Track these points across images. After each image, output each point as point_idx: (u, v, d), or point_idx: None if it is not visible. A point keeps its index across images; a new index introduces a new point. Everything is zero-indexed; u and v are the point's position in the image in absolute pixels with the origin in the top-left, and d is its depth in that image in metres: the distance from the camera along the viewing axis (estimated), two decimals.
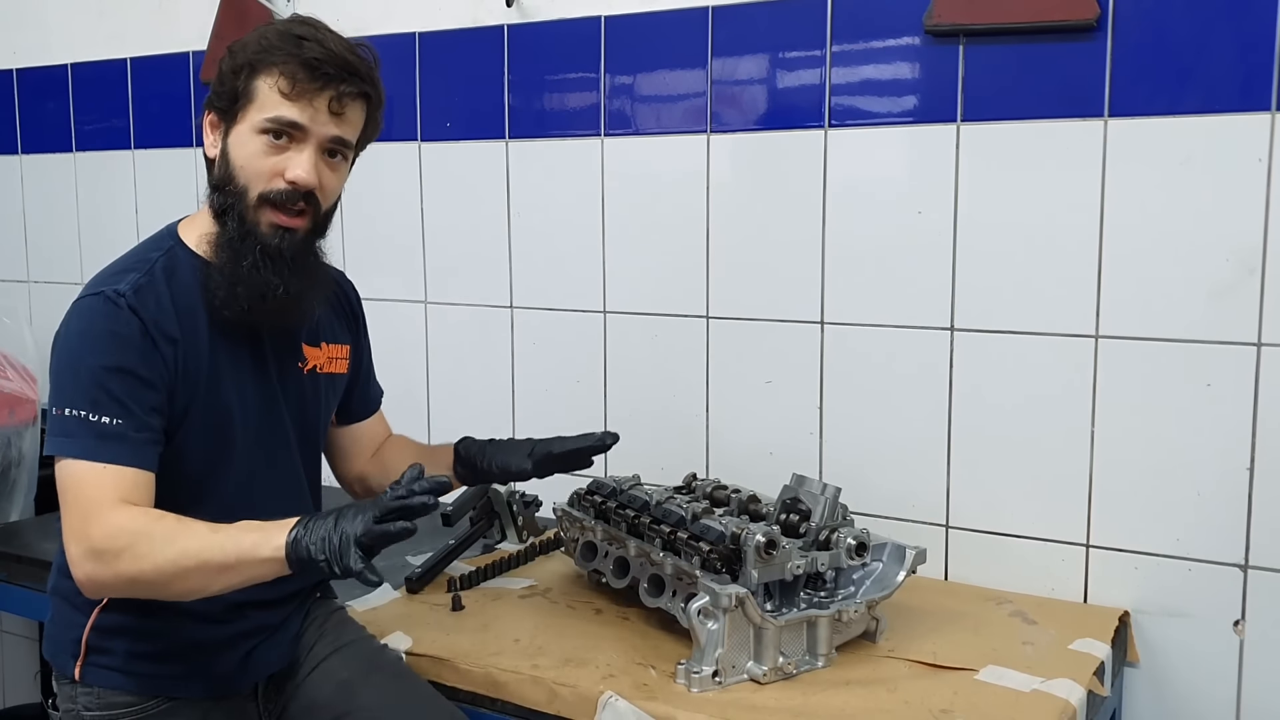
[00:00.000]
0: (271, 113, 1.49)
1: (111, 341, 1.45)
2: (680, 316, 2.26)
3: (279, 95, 1.49)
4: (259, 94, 1.50)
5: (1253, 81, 1.76)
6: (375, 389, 1.89)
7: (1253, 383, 1.80)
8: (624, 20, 2.24)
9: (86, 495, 1.41)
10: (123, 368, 1.44)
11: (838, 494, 1.78)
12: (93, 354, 1.45)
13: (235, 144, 1.52)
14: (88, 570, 1.41)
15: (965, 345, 2.00)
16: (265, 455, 1.61)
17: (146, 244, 1.59)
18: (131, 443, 1.44)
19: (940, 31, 1.94)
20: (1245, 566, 1.84)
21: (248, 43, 1.52)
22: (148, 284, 1.49)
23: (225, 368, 1.54)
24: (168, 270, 1.53)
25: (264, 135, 1.50)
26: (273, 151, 1.51)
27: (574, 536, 2.01)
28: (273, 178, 1.51)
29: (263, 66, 1.50)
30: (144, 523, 1.41)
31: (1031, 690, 1.61)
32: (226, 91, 1.52)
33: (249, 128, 1.51)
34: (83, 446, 1.42)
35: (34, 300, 3.20)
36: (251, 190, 1.52)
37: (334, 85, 1.51)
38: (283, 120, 1.49)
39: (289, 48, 1.49)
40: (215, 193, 1.55)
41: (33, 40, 3.10)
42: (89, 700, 1.58)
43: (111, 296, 1.46)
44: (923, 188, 2.01)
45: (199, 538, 1.39)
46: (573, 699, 1.61)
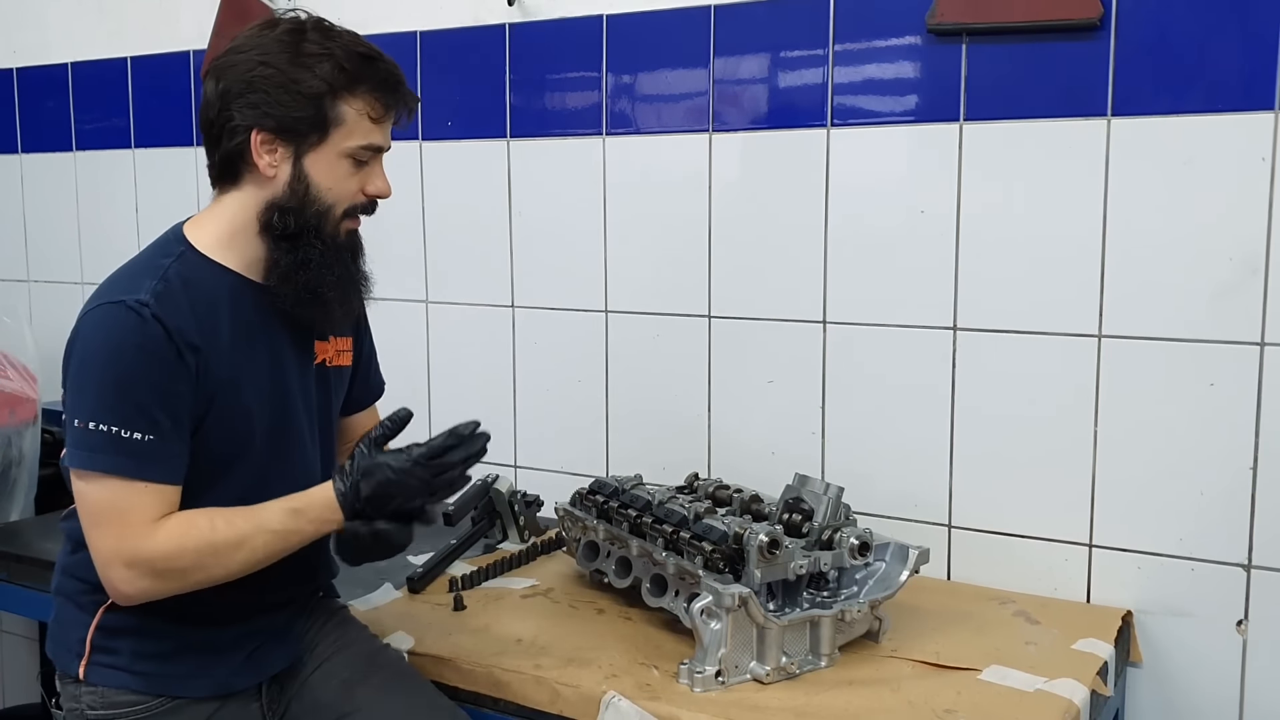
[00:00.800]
0: (364, 140, 1.53)
1: (137, 354, 1.44)
2: (682, 316, 2.26)
3: (369, 120, 1.53)
4: (347, 119, 1.51)
5: (1256, 80, 1.75)
6: (376, 379, 1.89)
7: (1256, 382, 1.80)
8: (626, 19, 2.24)
9: (125, 514, 1.44)
10: (150, 381, 1.44)
11: (840, 494, 1.78)
12: (118, 367, 1.44)
13: (317, 168, 1.52)
14: (138, 589, 1.47)
15: (968, 345, 2.00)
16: (282, 452, 1.60)
17: (154, 250, 1.57)
18: (162, 459, 1.46)
19: (943, 30, 1.94)
20: (1248, 566, 1.84)
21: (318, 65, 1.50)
22: (166, 291, 1.48)
23: (245, 369, 1.54)
24: (183, 276, 1.51)
25: (350, 159, 1.53)
26: (355, 171, 1.55)
27: (576, 536, 2.01)
28: (355, 194, 1.56)
29: (348, 91, 1.51)
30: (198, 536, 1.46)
31: (1035, 690, 1.61)
32: (305, 118, 1.50)
33: (334, 152, 1.52)
34: (114, 463, 1.43)
35: (34, 299, 3.19)
36: (338, 208, 1.55)
37: (405, 103, 1.57)
38: (374, 146, 1.55)
39: (369, 72, 1.52)
40: (284, 214, 1.53)
41: (33, 39, 3.09)
42: (93, 699, 1.57)
43: (134, 306, 1.44)
44: (925, 187, 2.00)
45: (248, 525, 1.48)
46: (575, 699, 1.61)
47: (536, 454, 2.45)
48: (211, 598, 1.55)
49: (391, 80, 1.54)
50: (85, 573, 1.58)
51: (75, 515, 1.61)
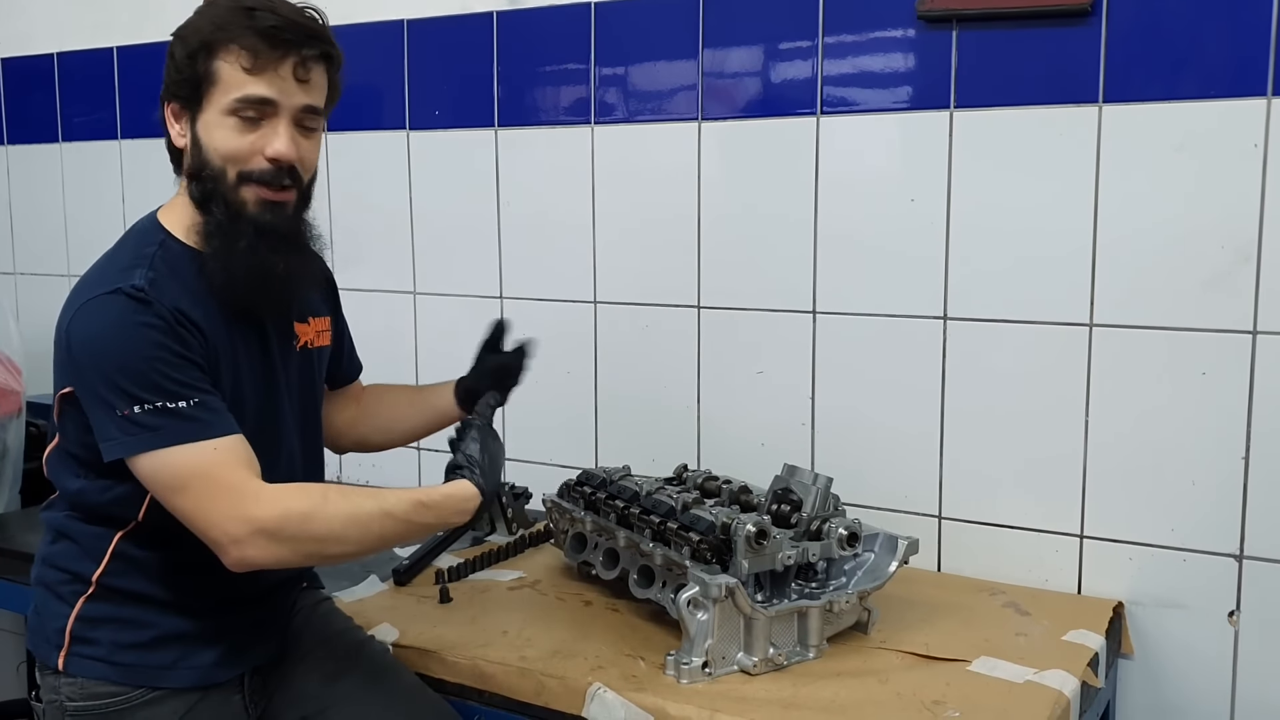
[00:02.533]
0: (238, 92, 1.46)
1: (150, 333, 1.42)
2: (671, 306, 2.24)
3: (242, 72, 1.45)
4: (221, 75, 1.46)
5: (1248, 67, 1.74)
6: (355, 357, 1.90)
7: (1248, 371, 1.79)
8: (614, 7, 2.22)
9: (218, 477, 1.41)
10: (170, 353, 1.42)
11: (829, 484, 1.76)
12: (136, 347, 1.41)
13: (205, 130, 1.48)
14: (254, 554, 1.41)
15: (958, 334, 1.98)
16: (269, 436, 1.59)
17: (135, 239, 1.55)
18: (218, 412, 1.44)
19: (933, 17, 1.93)
20: (1240, 557, 1.83)
21: (197, 25, 1.48)
22: (157, 278, 1.46)
23: (230, 356, 1.53)
24: (168, 263, 1.49)
25: (233, 116, 1.47)
26: (246, 130, 1.48)
27: (563, 528, 1.99)
28: (251, 156, 1.49)
29: (219, 45, 1.46)
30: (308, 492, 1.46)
31: (1024, 681, 1.59)
32: (186, 79, 1.47)
33: (217, 111, 1.47)
34: (178, 432, 1.40)
35: (21, 292, 3.17)
36: (230, 171, 1.49)
37: (296, 51, 1.47)
38: (252, 98, 1.46)
39: (242, 21, 1.45)
40: (193, 182, 1.51)
41: (17, 30, 3.07)
42: (72, 690, 1.55)
43: (131, 292, 1.42)
44: (916, 175, 1.99)
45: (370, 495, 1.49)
46: (561, 690, 1.60)
47: (525, 446, 2.43)
48: (192, 587, 1.54)
49: (266, 26, 1.45)
50: (65, 562, 1.57)
51: (60, 505, 1.60)
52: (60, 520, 1.59)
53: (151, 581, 1.54)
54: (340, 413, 1.87)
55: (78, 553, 1.56)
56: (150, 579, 1.54)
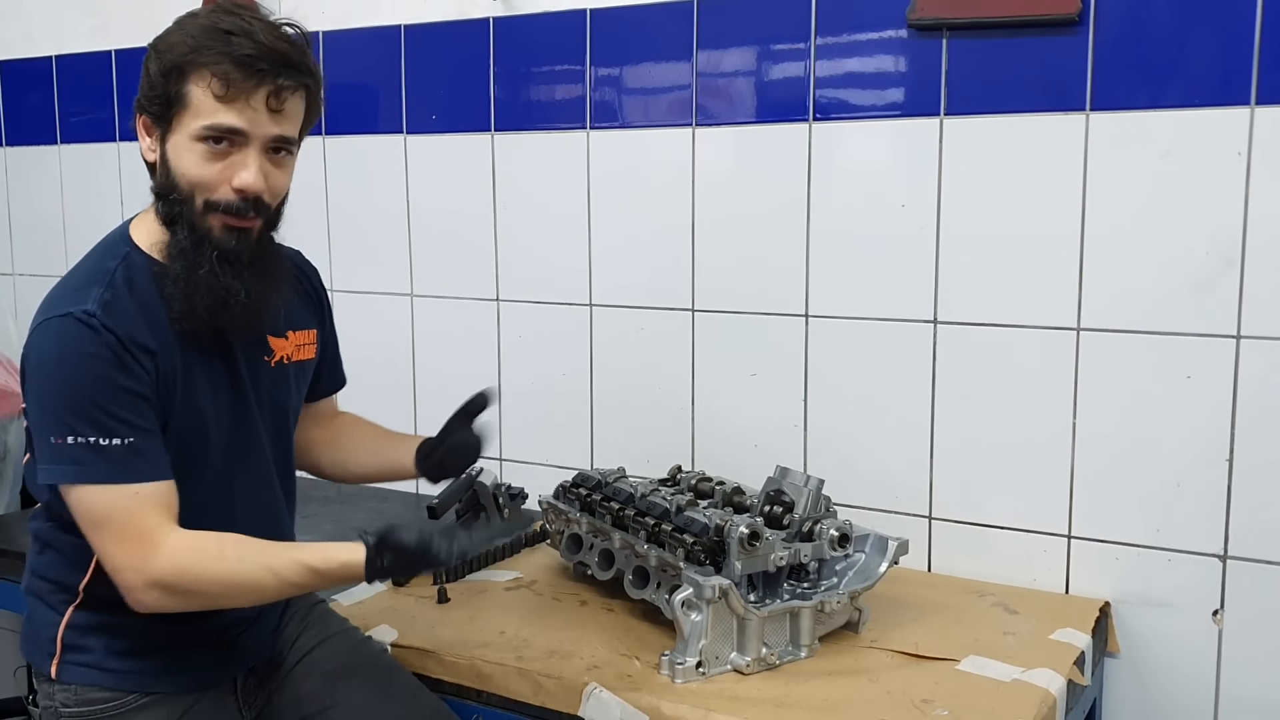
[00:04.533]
0: (208, 120, 1.42)
1: (93, 363, 1.40)
2: (666, 309, 2.27)
3: (213, 99, 1.41)
4: (192, 99, 1.42)
5: (1232, 76, 1.77)
6: (340, 369, 1.87)
7: (1232, 375, 1.82)
8: (609, 13, 2.24)
9: (129, 523, 1.42)
10: (113, 387, 1.41)
11: (821, 486, 1.79)
12: (78, 378, 1.40)
13: (174, 152, 1.45)
14: (150, 602, 1.43)
15: (948, 338, 2.01)
16: (238, 454, 1.59)
17: (101, 252, 1.53)
18: (147, 456, 1.43)
19: (923, 25, 1.95)
20: (1224, 557, 1.86)
21: (173, 41, 1.44)
22: (113, 298, 1.44)
23: (198, 374, 1.51)
24: (128, 280, 1.47)
25: (202, 143, 1.43)
26: (215, 158, 1.44)
27: (559, 529, 2.02)
28: (218, 186, 1.45)
29: (192, 69, 1.42)
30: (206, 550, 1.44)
31: (1012, 680, 1.62)
32: (158, 96, 1.44)
33: (186, 135, 1.44)
34: (102, 471, 1.40)
35: (19, 293, 3.18)
36: (197, 198, 1.46)
37: (270, 80, 1.43)
38: (221, 127, 1.42)
39: (217, 45, 1.41)
40: (159, 200, 1.49)
41: (16, 32, 3.08)
42: (66, 697, 1.56)
43: (81, 318, 1.40)
44: (906, 181, 2.01)
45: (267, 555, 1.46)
46: (557, 690, 1.62)
47: (521, 447, 2.46)
48: None
49: (241, 54, 1.40)
50: (53, 573, 1.58)
51: (42, 515, 1.60)
52: (45, 530, 1.59)
53: None
54: (305, 431, 1.80)
55: (63, 563, 1.56)
56: None
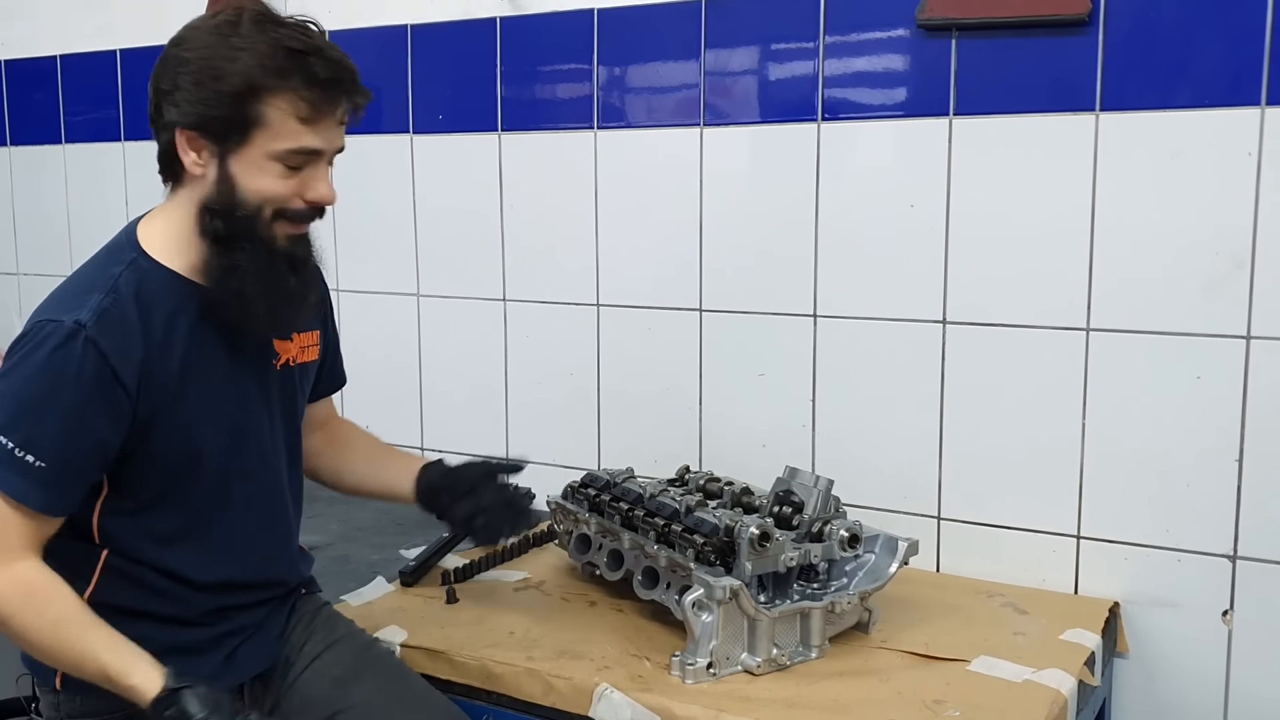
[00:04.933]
0: (292, 143, 1.43)
1: (59, 380, 1.39)
2: (673, 309, 2.26)
3: (296, 121, 1.43)
4: (271, 121, 1.42)
5: (1242, 76, 1.77)
6: (340, 370, 1.86)
7: (1242, 375, 1.82)
8: (617, 13, 2.24)
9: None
10: (65, 411, 1.39)
11: (830, 486, 1.79)
12: (38, 387, 1.39)
13: (243, 170, 1.44)
14: None
15: (957, 338, 2.01)
16: (242, 459, 1.58)
17: (106, 256, 1.52)
18: (48, 488, 1.41)
19: (932, 25, 1.95)
20: (1234, 557, 1.86)
21: (239, 62, 1.41)
22: (112, 305, 1.43)
23: (196, 380, 1.51)
24: (133, 286, 1.46)
25: (279, 163, 1.44)
26: (290, 175, 1.46)
27: (567, 529, 2.02)
28: (290, 198, 1.47)
29: (270, 91, 1.41)
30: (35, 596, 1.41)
31: (1023, 680, 1.62)
32: (221, 117, 1.42)
33: (261, 155, 1.43)
34: (7, 482, 1.40)
35: (24, 293, 3.18)
36: (266, 209, 1.47)
37: (348, 100, 1.47)
38: (306, 150, 1.45)
39: (296, 67, 1.41)
40: (213, 217, 1.47)
41: (21, 31, 3.08)
42: (71, 707, 1.56)
43: (70, 329, 1.39)
44: (915, 181, 2.01)
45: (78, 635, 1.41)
46: (568, 691, 1.62)
47: (528, 447, 2.45)
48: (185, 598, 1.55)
49: (324, 78, 1.42)
50: None
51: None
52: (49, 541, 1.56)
53: (143, 596, 1.53)
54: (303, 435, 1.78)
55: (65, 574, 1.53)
56: (142, 594, 1.53)
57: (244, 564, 1.59)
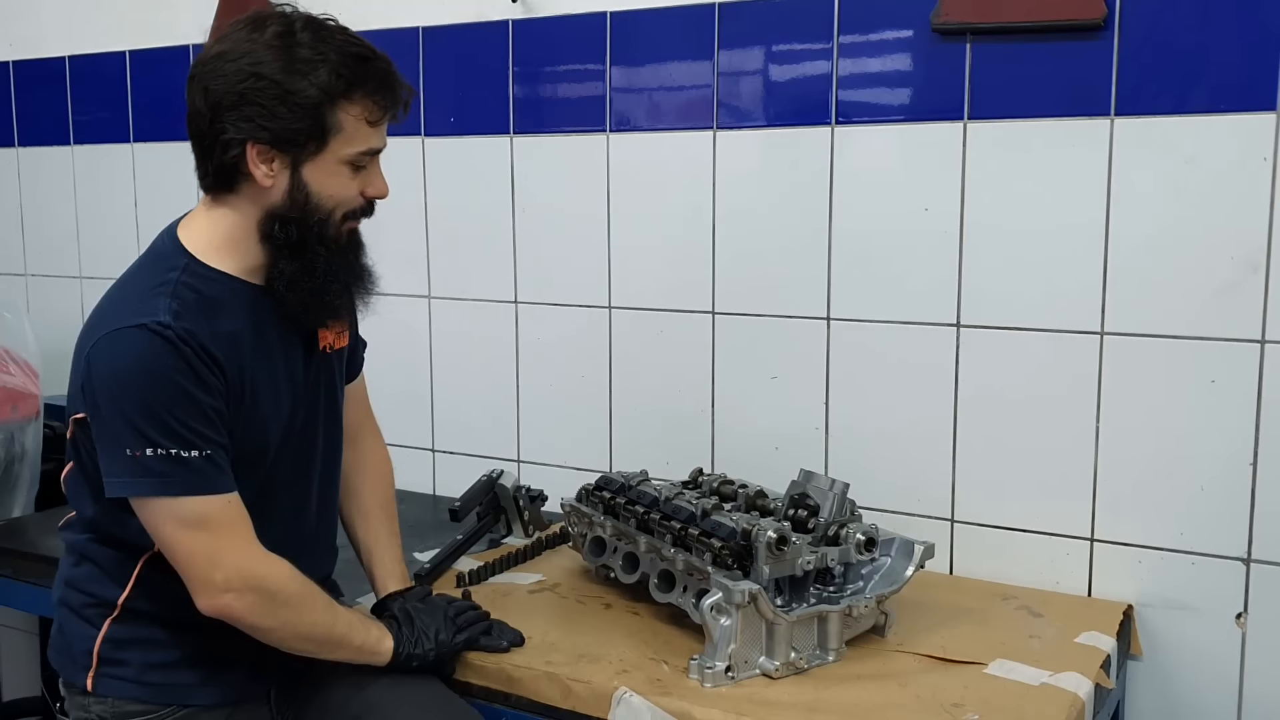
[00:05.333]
0: (363, 145, 1.50)
1: (173, 378, 1.42)
2: (686, 312, 2.27)
3: (366, 124, 1.49)
4: (345, 126, 1.47)
5: (1258, 81, 1.77)
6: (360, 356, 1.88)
7: (1256, 379, 1.82)
8: (629, 16, 2.24)
9: (223, 530, 1.46)
10: (191, 402, 1.43)
11: (846, 489, 1.79)
12: (158, 392, 1.42)
13: (317, 177, 1.49)
14: (238, 606, 1.47)
15: (971, 341, 2.02)
16: (305, 443, 1.61)
17: (156, 263, 1.53)
18: (222, 469, 1.46)
19: (947, 30, 1.95)
20: (1248, 560, 1.86)
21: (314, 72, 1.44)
22: (183, 308, 1.46)
23: (260, 375, 1.54)
24: (193, 289, 1.49)
25: (350, 165, 1.50)
26: (355, 176, 1.52)
27: (582, 532, 2.02)
28: (355, 198, 1.54)
29: (345, 96, 1.46)
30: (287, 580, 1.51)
31: (1040, 684, 1.63)
32: (297, 128, 1.45)
33: (334, 159, 1.49)
34: (185, 483, 1.43)
35: (32, 294, 3.18)
36: (337, 213, 1.53)
37: (402, 99, 1.53)
38: (374, 150, 1.52)
39: (364, 73, 1.47)
40: (285, 225, 1.50)
41: (29, 32, 3.08)
42: (102, 710, 1.57)
43: (156, 329, 1.42)
44: (929, 185, 2.02)
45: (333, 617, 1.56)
46: (587, 695, 1.63)
47: (540, 449, 2.46)
48: None
49: (388, 80, 1.50)
50: (90, 585, 1.58)
51: (79, 527, 1.61)
52: (82, 543, 1.60)
53: (176, 604, 1.53)
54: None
55: (101, 576, 1.57)
56: (175, 601, 1.53)
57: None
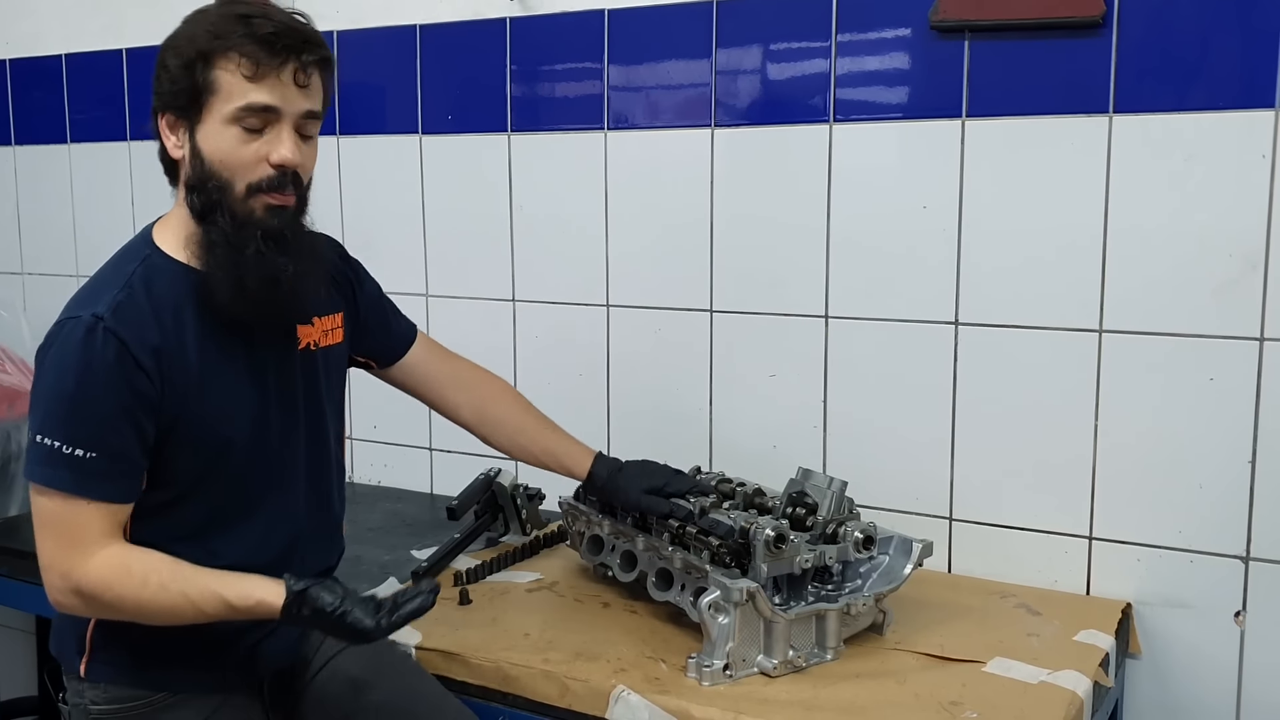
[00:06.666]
0: (241, 101, 1.44)
1: (88, 373, 1.42)
2: (684, 310, 2.26)
3: (244, 80, 1.44)
4: (221, 83, 1.44)
5: (1257, 78, 1.77)
6: (400, 327, 1.87)
7: (1255, 377, 1.82)
8: (627, 13, 2.24)
9: (68, 531, 1.45)
10: (100, 400, 1.42)
11: (844, 488, 1.79)
12: (70, 384, 1.42)
13: (206, 140, 1.46)
14: (68, 605, 1.48)
15: (970, 339, 2.01)
16: (265, 447, 1.58)
17: (122, 256, 1.55)
18: (107, 478, 1.45)
19: (946, 27, 1.95)
20: (1246, 558, 1.86)
21: (191, 34, 1.47)
22: (127, 299, 1.45)
23: (215, 371, 1.52)
24: (146, 281, 1.48)
25: (236, 125, 1.45)
26: (249, 139, 1.46)
27: (580, 530, 2.02)
28: (256, 164, 1.47)
29: (217, 54, 1.44)
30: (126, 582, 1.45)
31: (1039, 682, 1.63)
32: (182, 90, 1.46)
33: (218, 120, 1.45)
34: (57, 478, 1.43)
35: (29, 292, 3.18)
36: (238, 183, 1.47)
37: (295, 57, 1.46)
38: (255, 105, 1.44)
39: (239, 29, 1.44)
40: (192, 193, 1.49)
41: (26, 30, 3.07)
42: (96, 695, 1.58)
43: (89, 322, 1.42)
44: (927, 182, 2.01)
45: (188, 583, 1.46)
46: (585, 693, 1.62)
47: None
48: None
49: (265, 33, 1.43)
50: None
51: None
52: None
53: None
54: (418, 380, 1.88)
55: None
56: None
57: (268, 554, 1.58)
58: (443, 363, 1.92)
